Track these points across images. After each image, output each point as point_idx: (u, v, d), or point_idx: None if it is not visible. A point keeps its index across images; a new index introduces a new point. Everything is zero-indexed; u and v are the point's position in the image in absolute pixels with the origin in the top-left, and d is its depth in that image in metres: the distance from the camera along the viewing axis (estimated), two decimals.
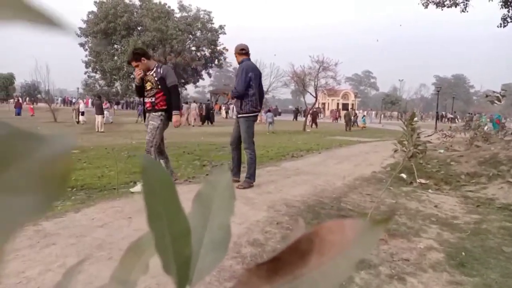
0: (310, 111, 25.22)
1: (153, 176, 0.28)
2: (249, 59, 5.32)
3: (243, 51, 5.28)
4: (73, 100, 51.72)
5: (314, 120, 26.10)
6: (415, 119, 4.01)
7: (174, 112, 4.97)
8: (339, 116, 39.98)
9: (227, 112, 35.41)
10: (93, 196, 4.95)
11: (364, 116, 39.60)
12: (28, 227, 3.56)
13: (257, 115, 5.44)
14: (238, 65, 5.37)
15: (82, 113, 21.21)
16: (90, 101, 45.42)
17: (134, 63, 4.87)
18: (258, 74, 5.36)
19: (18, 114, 27.30)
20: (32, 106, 31.89)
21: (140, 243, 0.35)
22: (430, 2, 14.23)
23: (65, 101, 53.38)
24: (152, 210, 0.28)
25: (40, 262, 2.79)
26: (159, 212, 0.28)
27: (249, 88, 5.11)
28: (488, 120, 19.87)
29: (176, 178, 5.48)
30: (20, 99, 39.26)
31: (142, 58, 4.81)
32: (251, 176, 5.41)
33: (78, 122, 21.32)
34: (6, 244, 0.17)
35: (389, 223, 0.25)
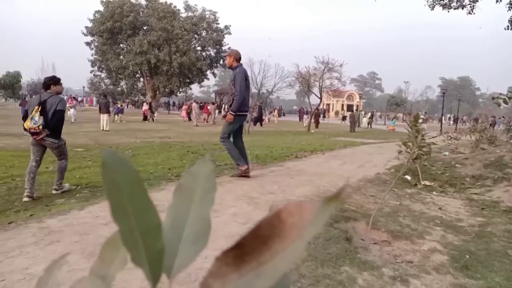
0: (313, 112, 25.21)
1: (115, 171, 0.28)
2: (241, 65, 5.67)
3: (240, 59, 5.63)
4: (79, 99, 51.95)
5: (316, 121, 26.01)
6: (420, 120, 3.99)
7: None
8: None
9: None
10: (97, 194, 4.97)
11: (394, 118, 39.49)
12: (32, 224, 3.59)
13: (245, 115, 5.77)
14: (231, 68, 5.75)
15: None
16: (95, 99, 45.70)
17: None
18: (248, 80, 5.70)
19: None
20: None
21: (118, 237, 0.35)
22: (437, 4, 14.16)
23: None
24: (116, 204, 0.28)
25: (44, 259, 2.81)
26: (124, 207, 0.28)
27: (248, 92, 5.55)
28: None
29: None
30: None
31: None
32: (238, 162, 5.74)
33: None
34: None
35: (339, 199, 0.25)
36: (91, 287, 0.31)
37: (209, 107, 27.28)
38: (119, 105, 25.56)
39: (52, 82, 5.04)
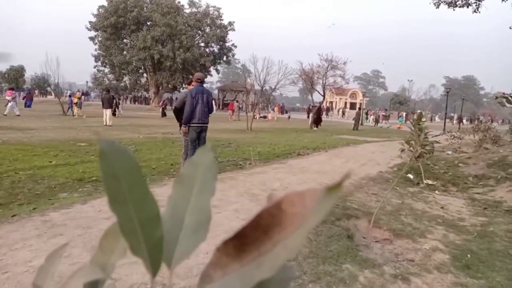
0: (314, 109, 25.09)
1: (113, 160, 0.28)
2: (200, 85, 6.28)
3: (198, 80, 6.28)
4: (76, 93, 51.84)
5: (318, 118, 25.77)
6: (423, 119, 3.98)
7: None
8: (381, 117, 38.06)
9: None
10: (100, 188, 4.99)
11: (401, 116, 39.63)
12: (35, 218, 3.61)
13: (199, 126, 6.21)
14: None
15: None
16: (80, 94, 45.68)
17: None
18: (203, 95, 6.14)
19: (28, 106, 27.48)
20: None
21: (118, 227, 0.34)
22: (442, 2, 14.05)
23: (86, 94, 53.52)
24: (114, 194, 0.27)
25: (47, 251, 2.81)
26: (122, 196, 0.28)
27: (195, 107, 6.04)
28: None
29: None
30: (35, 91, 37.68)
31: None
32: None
33: None
34: None
35: (342, 187, 0.25)
36: (91, 275, 0.32)
37: (234, 104, 29.54)
38: (75, 99, 22.49)
39: (186, 83, 6.85)
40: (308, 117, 36.42)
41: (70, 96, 25.12)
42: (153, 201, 0.29)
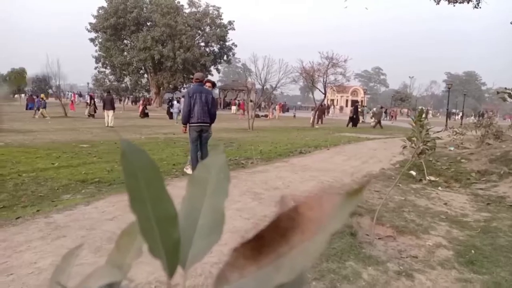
0: (317, 108, 25.02)
1: (134, 161, 0.28)
2: (200, 85, 6.26)
3: (197, 80, 6.35)
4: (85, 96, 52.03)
5: (320, 117, 25.72)
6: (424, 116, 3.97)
7: None
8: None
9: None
10: (103, 189, 5.01)
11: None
12: (39, 220, 3.63)
13: (199, 125, 6.17)
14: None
15: None
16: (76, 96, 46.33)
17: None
18: (201, 94, 6.14)
19: (30, 108, 27.44)
20: (72, 101, 31.82)
21: (134, 227, 0.34)
22: None
23: (80, 96, 53.86)
24: (134, 194, 0.28)
25: (51, 253, 2.84)
26: (142, 196, 0.28)
27: (193, 106, 6.07)
28: None
29: None
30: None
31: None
32: (188, 163, 6.55)
33: None
34: None
35: (362, 193, 0.25)
36: (108, 275, 0.32)
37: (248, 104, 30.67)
38: (42, 99, 21.24)
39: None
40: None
41: (37, 96, 23.93)
42: (171, 202, 0.29)
